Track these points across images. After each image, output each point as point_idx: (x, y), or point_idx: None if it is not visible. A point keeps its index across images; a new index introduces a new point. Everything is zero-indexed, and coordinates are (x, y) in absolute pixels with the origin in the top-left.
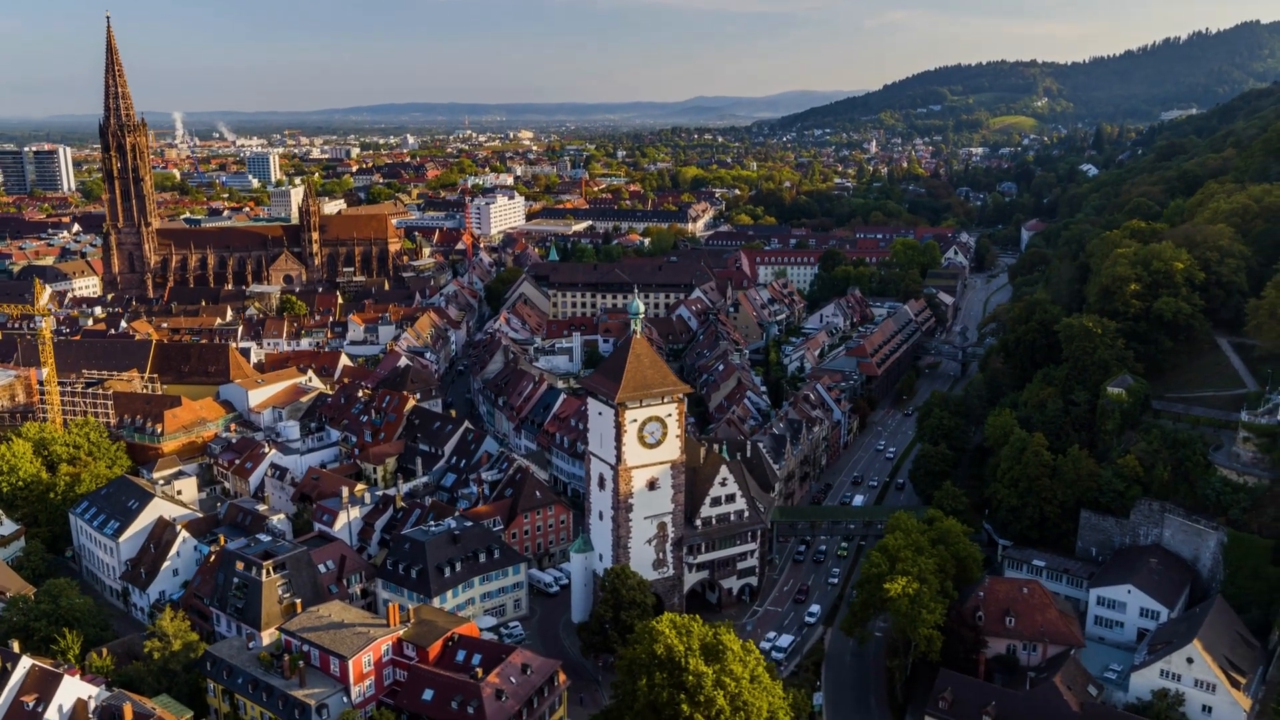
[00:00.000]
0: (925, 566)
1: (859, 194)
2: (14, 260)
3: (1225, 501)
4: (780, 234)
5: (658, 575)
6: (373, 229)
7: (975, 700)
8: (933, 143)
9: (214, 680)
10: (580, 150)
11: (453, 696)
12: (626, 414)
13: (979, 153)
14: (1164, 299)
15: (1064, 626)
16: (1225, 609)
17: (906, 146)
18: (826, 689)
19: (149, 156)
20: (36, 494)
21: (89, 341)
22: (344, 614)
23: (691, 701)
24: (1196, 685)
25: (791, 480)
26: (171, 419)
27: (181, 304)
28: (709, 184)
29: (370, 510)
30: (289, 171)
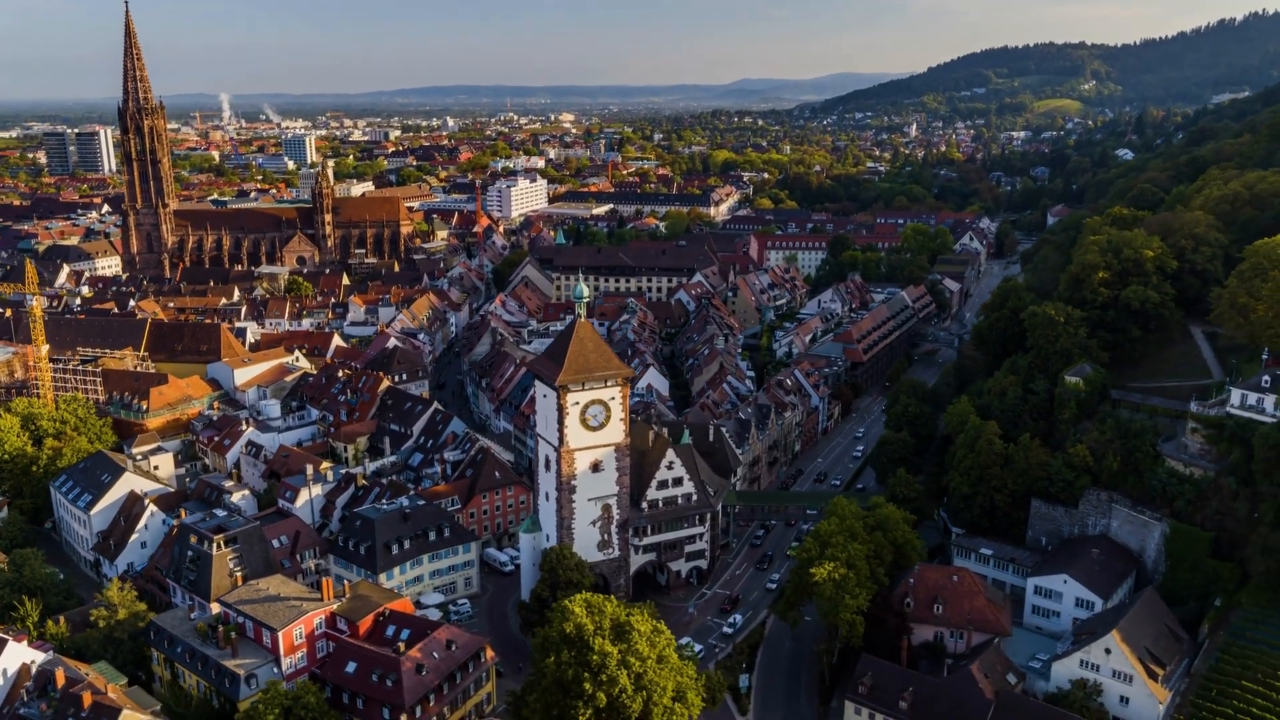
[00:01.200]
0: (855, 552)
1: (888, 179)
2: (39, 240)
3: (1171, 493)
4: (799, 218)
5: (603, 556)
6: (385, 211)
7: (894, 686)
8: (974, 126)
9: (157, 649)
10: (616, 133)
11: (374, 669)
12: (568, 396)
13: (1020, 137)
14: (1133, 288)
15: (991, 615)
16: (1155, 601)
17: (947, 130)
18: (760, 671)
19: (166, 139)
20: (21, 467)
21: (86, 320)
22: (282, 588)
23: (594, 680)
24: (1114, 676)
25: (757, 465)
26: (157, 396)
27: (192, 284)
28: (738, 168)
29: (332, 488)
30: (326, 153)
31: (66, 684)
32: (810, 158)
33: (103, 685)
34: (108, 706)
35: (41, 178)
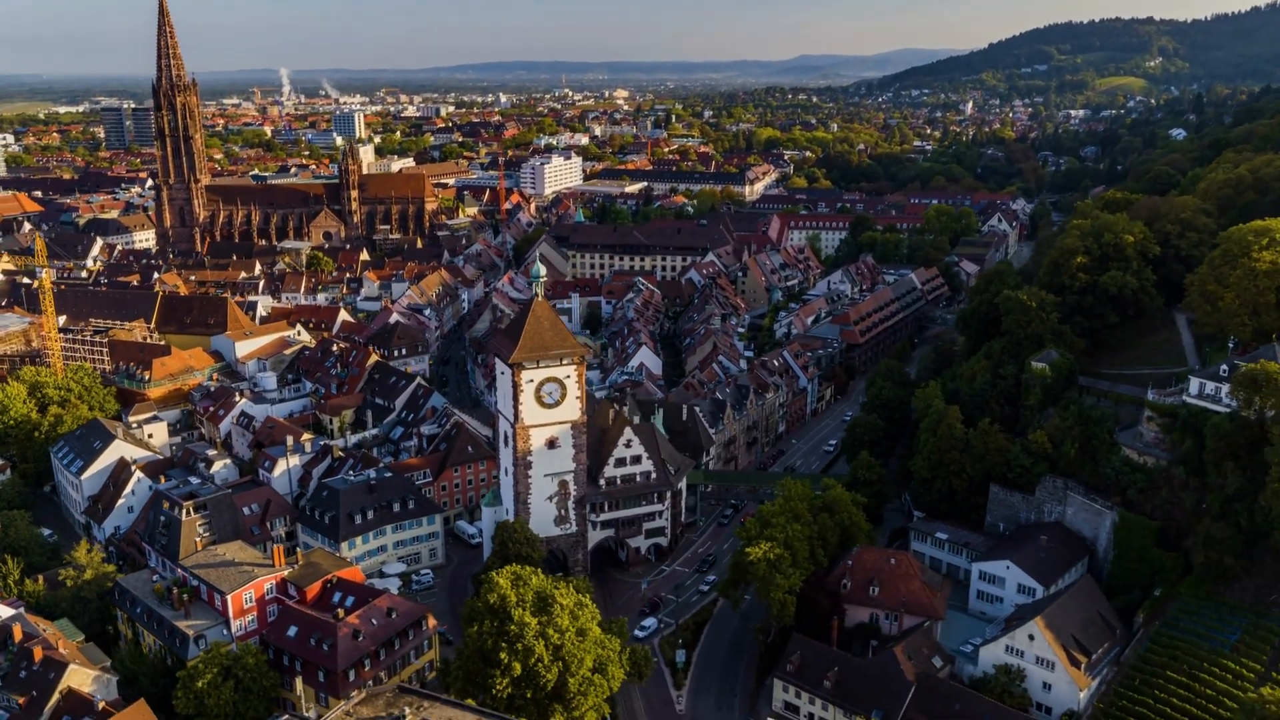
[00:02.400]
0: (794, 533)
1: (931, 158)
2: (80, 213)
3: (1123, 482)
4: (831, 198)
5: (560, 531)
6: (410, 188)
7: (820, 665)
8: (1032, 104)
9: (120, 609)
10: (667, 110)
11: (313, 634)
12: (523, 374)
13: (1079, 115)
14: (1111, 273)
15: (926, 598)
16: (1089, 589)
17: (1004, 108)
18: (704, 648)
19: (199, 115)
20: (24, 432)
21: (102, 292)
22: (240, 554)
23: (511, 649)
24: (1038, 662)
25: (734, 445)
26: (159, 367)
27: (216, 258)
28: (781, 146)
29: (310, 459)
30: (377, 129)
31: (23, 639)
32: (856, 136)
33: (55, 641)
34: (56, 661)
35: (98, 152)
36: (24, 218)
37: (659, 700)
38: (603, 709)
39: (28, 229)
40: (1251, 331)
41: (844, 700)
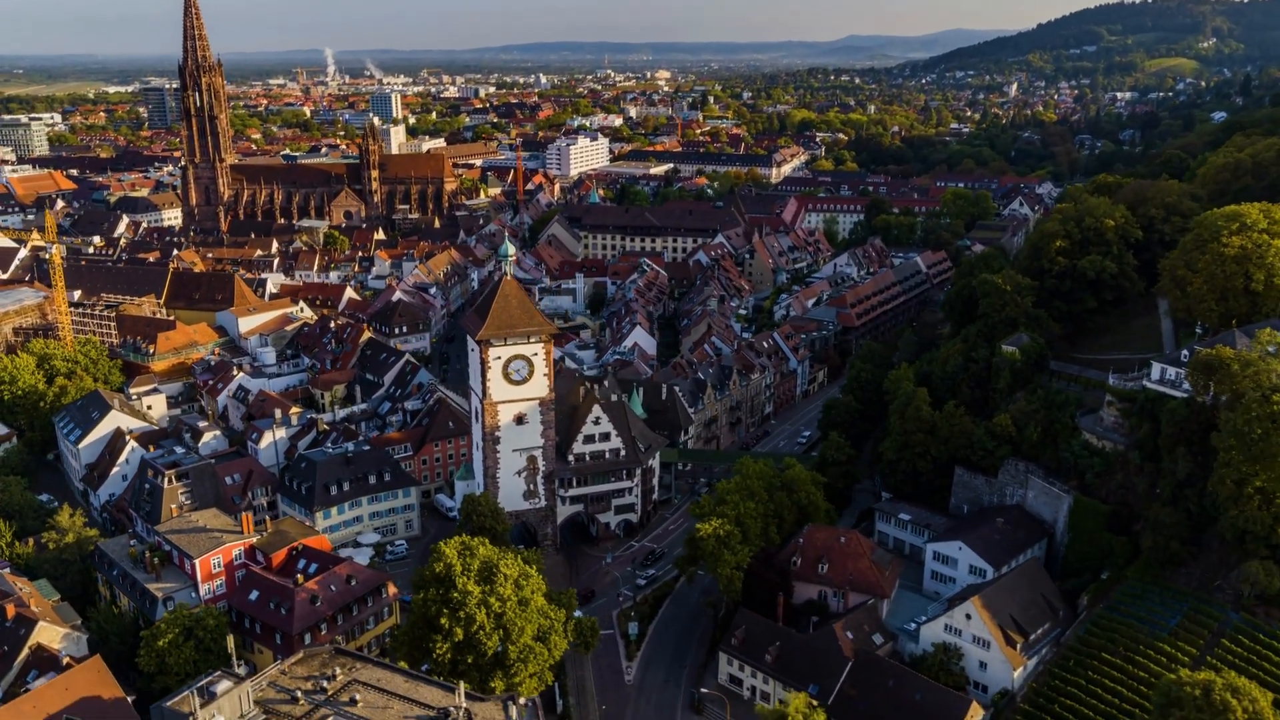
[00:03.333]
0: (746, 510)
1: (964, 141)
2: (111, 192)
3: (1081, 465)
4: (855, 180)
5: (529, 505)
6: (430, 168)
7: (763, 639)
8: (1078, 86)
9: (99, 572)
10: (705, 91)
11: (272, 598)
12: (490, 351)
13: (1125, 98)
14: (1090, 257)
15: (873, 577)
16: (1035, 572)
17: (1049, 90)
18: (661, 621)
19: (224, 95)
20: (31, 402)
21: (117, 268)
22: (213, 521)
23: (453, 616)
24: (974, 641)
25: (715, 424)
26: (164, 341)
27: (236, 236)
28: (814, 128)
29: (296, 431)
30: (415, 109)
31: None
32: (892, 118)
33: (29, 599)
34: (27, 618)
35: (140, 131)
36: (57, 195)
37: (610, 670)
38: (546, 677)
39: (60, 206)
40: (1218, 317)
41: (783, 674)
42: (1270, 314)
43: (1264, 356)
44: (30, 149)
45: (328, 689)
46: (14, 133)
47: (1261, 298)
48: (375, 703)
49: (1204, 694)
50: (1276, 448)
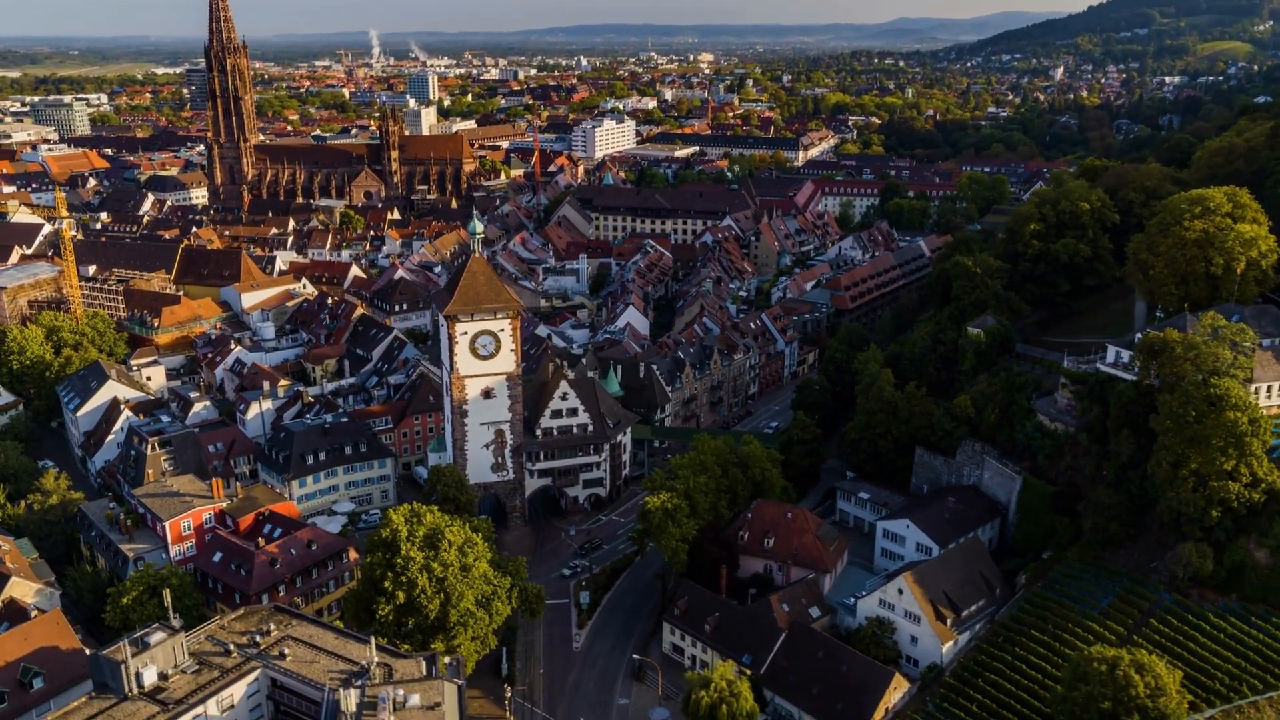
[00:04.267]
0: (696, 485)
1: (999, 125)
2: (142, 171)
3: (1034, 447)
4: (878, 164)
5: (497, 478)
6: (449, 149)
7: (704, 611)
8: (1126, 70)
9: (80, 532)
10: (744, 74)
11: (234, 559)
12: (457, 326)
13: (1174, 82)
14: (1064, 241)
15: (816, 552)
16: (976, 550)
17: (1096, 74)
18: (616, 592)
19: (249, 77)
20: (38, 372)
21: (131, 244)
22: (188, 486)
23: (396, 580)
24: (906, 616)
25: (694, 403)
26: (169, 315)
27: (255, 214)
28: (849, 111)
29: (283, 403)
30: (455, 91)
31: None
32: (928, 102)
33: (4, 556)
34: (1, 574)
35: (182, 112)
36: (90, 174)
37: (560, 637)
38: (489, 640)
39: (91, 184)
40: (1178, 301)
41: (721, 644)
42: (1229, 298)
43: (1206, 340)
44: (72, 129)
45: (261, 643)
46: (57, 113)
47: (1221, 282)
48: (303, 657)
49: (1109, 669)
50: (1211, 431)
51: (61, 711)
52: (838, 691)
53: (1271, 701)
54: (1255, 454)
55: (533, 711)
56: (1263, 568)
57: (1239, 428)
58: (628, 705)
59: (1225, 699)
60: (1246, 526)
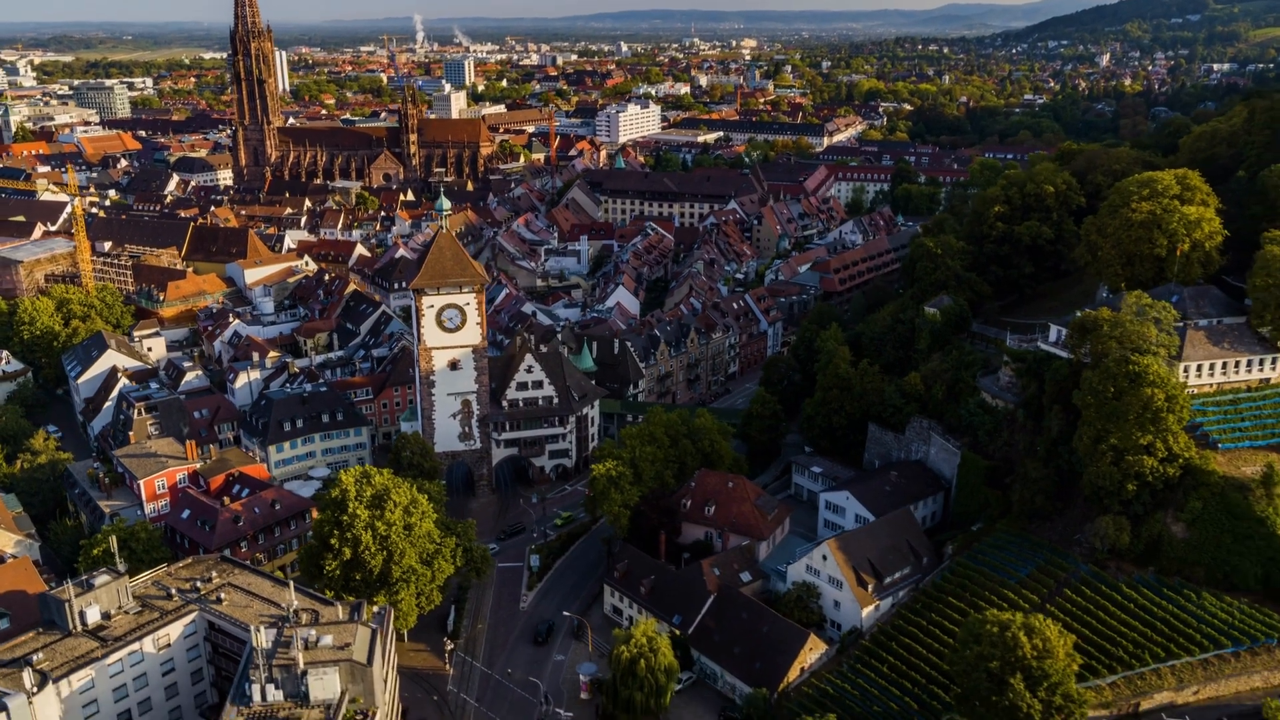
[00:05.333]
0: (642, 454)
1: (1032, 112)
2: (171, 152)
3: (975, 423)
4: (899, 150)
5: (465, 447)
6: (467, 133)
7: (641, 573)
8: (1175, 57)
9: (66, 490)
10: (784, 59)
11: (200, 516)
12: (424, 299)
13: (1223, 69)
14: (1027, 223)
15: (754, 520)
16: (905, 521)
17: (1144, 60)
18: (570, 557)
19: (273, 60)
20: (47, 342)
21: (144, 222)
22: (167, 448)
23: (342, 537)
24: (830, 582)
25: (670, 380)
26: (174, 289)
27: (274, 195)
28: (882, 98)
29: (270, 374)
30: (493, 76)
31: None
32: (961, 89)
33: None
34: None
35: (223, 95)
36: (121, 155)
37: (509, 598)
38: (434, 596)
39: (122, 164)
40: (1125, 281)
41: (654, 605)
42: (1174, 279)
43: (1131, 319)
44: (114, 111)
45: (201, 589)
46: (99, 96)
47: (1166, 263)
48: (239, 602)
49: (1000, 631)
50: (1129, 407)
51: (8, 645)
52: (757, 651)
53: (1174, 670)
54: (1171, 429)
55: (472, 665)
56: (1179, 541)
57: (1155, 403)
58: (563, 661)
59: (1127, 665)
60: (1164, 501)
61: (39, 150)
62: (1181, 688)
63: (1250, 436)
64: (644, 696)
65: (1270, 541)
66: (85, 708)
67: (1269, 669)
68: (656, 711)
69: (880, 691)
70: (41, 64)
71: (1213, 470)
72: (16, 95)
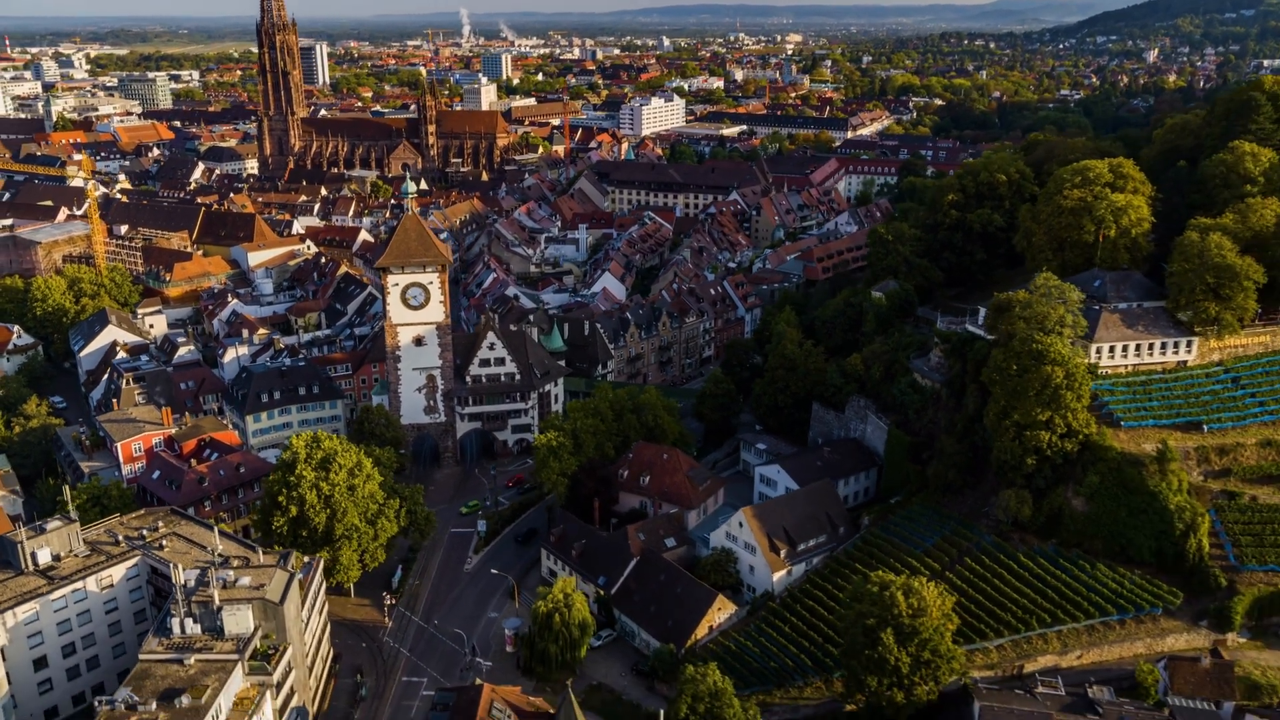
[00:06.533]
0: (584, 426)
1: (1064, 108)
2: (202, 141)
3: (905, 402)
4: (917, 144)
5: (430, 420)
6: (484, 124)
7: (574, 537)
8: (1226, 53)
9: (55, 452)
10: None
11: (168, 477)
12: (389, 278)
13: (1274, 65)
14: (978, 211)
15: (684, 489)
16: (825, 493)
17: (1193, 56)
18: (520, 524)
19: (297, 53)
20: (57, 318)
21: (159, 206)
22: (147, 414)
23: (289, 496)
24: (745, 548)
25: (640, 361)
26: (180, 270)
27: (292, 183)
28: (914, 93)
29: (258, 350)
30: (530, 70)
31: None
32: (999, 84)
33: None
34: None
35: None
36: (155, 144)
37: (456, 560)
38: (377, 554)
39: (155, 153)
40: (1056, 267)
41: (584, 568)
42: (1100, 264)
43: (1038, 299)
44: (155, 102)
45: (147, 537)
46: (142, 88)
47: (1094, 249)
48: (179, 549)
49: (879, 590)
50: (1030, 384)
51: None
52: (670, 610)
53: (1060, 635)
54: (1070, 406)
55: (410, 619)
56: (1079, 515)
57: (1055, 381)
58: (496, 618)
59: (1014, 630)
60: (1064, 476)
61: (77, 139)
62: (1066, 651)
63: (1155, 415)
64: (558, 649)
65: (1162, 515)
66: (30, 638)
67: (1153, 636)
68: (572, 665)
69: (779, 649)
70: (96, 57)
71: (1110, 446)
72: (67, 87)
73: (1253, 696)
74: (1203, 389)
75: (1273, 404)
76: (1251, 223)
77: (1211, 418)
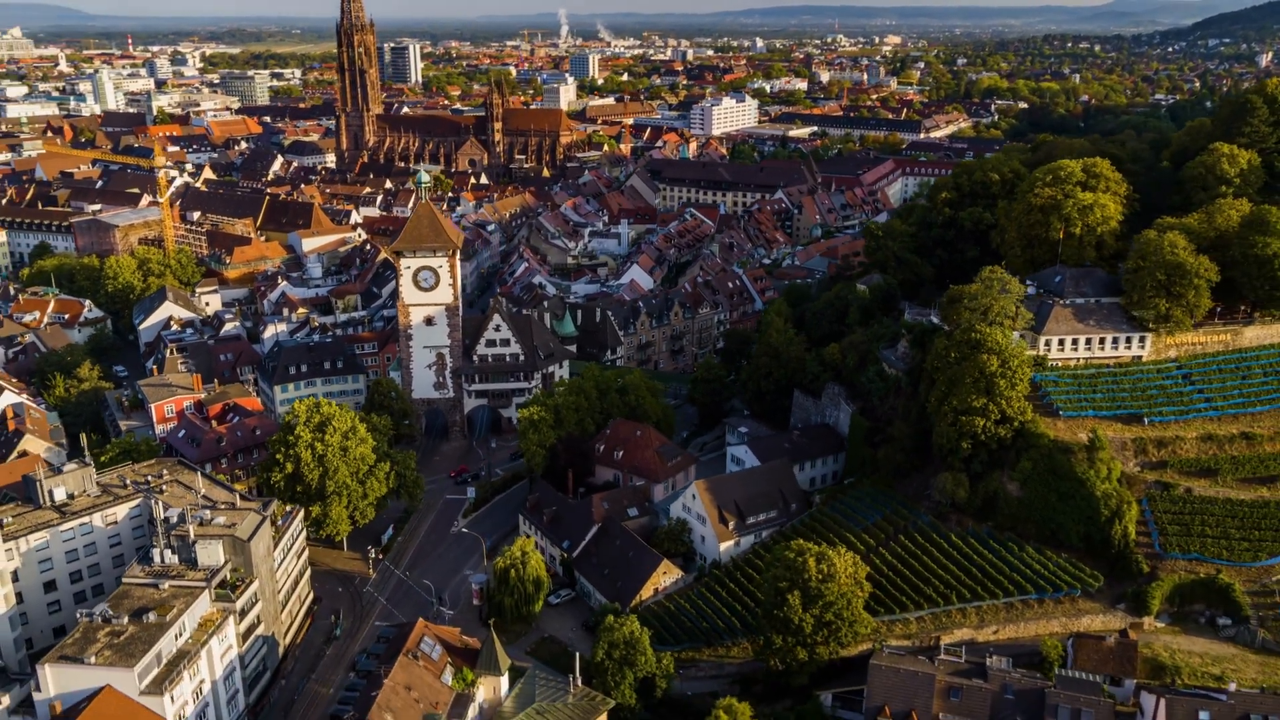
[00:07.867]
0: (566, 402)
1: (1150, 113)
2: (286, 136)
3: (871, 389)
4: (983, 147)
5: (439, 395)
6: (548, 122)
7: (547, 504)
8: None
9: (102, 411)
10: (919, 56)
11: (191, 435)
12: (401, 261)
13: None
14: (969, 209)
15: (653, 464)
16: (781, 471)
17: None
18: (510, 493)
19: (374, 52)
20: (125, 295)
21: (228, 195)
22: (181, 380)
23: (286, 454)
24: (697, 518)
25: (651, 349)
26: (239, 253)
27: (362, 176)
28: (999, 95)
29: (295, 327)
30: (618, 71)
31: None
32: (1088, 88)
33: (32, 422)
34: (19, 431)
35: None
36: (243, 138)
37: (446, 523)
38: (367, 511)
39: (242, 146)
40: (1025, 264)
41: (552, 532)
42: (1065, 261)
43: (982, 290)
44: (254, 99)
45: (152, 483)
46: (241, 85)
47: (1061, 246)
48: (178, 494)
49: (795, 557)
50: (966, 372)
51: None
52: (621, 573)
53: (978, 610)
54: (1004, 394)
55: (393, 571)
56: (1013, 499)
57: (989, 369)
58: (470, 574)
59: (934, 603)
60: (1000, 461)
61: (173, 132)
62: (982, 626)
63: (1096, 406)
64: (513, 602)
65: (1089, 502)
66: (41, 564)
67: (1069, 616)
68: (529, 619)
69: (714, 611)
70: (210, 55)
71: (1043, 434)
72: (176, 84)
73: (1156, 676)
74: (1150, 383)
75: (1220, 400)
76: (1217, 223)
77: (1152, 411)
